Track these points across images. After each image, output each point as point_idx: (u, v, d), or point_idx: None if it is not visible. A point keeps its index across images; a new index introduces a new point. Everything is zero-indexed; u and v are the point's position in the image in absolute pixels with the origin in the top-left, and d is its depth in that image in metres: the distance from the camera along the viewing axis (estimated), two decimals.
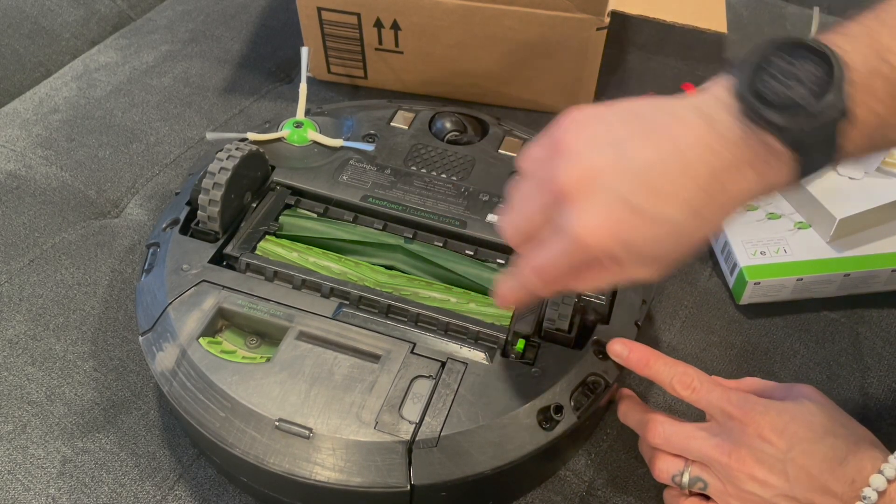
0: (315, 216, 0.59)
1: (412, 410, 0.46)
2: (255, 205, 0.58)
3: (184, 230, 0.56)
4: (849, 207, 0.61)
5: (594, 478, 0.53)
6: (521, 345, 0.50)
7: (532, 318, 0.51)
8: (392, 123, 0.65)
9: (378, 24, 0.74)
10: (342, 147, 0.63)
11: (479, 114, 0.68)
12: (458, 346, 0.50)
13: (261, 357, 0.50)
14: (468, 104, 0.78)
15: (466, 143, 0.64)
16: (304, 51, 0.67)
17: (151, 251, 0.56)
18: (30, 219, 0.67)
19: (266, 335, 0.51)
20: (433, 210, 0.58)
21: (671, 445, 0.46)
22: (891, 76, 0.35)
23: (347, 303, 0.52)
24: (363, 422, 0.45)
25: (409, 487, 0.44)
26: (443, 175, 0.61)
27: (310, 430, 0.45)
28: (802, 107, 0.34)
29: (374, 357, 0.48)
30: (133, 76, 0.82)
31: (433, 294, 0.54)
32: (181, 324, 0.50)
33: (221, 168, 0.54)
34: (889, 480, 0.41)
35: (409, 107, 0.67)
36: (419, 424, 0.45)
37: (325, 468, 0.44)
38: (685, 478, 0.46)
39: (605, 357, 0.50)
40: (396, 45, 0.76)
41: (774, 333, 0.62)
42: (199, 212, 0.55)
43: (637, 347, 0.48)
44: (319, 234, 0.57)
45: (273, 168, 0.60)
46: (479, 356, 0.49)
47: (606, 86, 0.83)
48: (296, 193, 0.60)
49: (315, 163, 0.61)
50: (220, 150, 0.55)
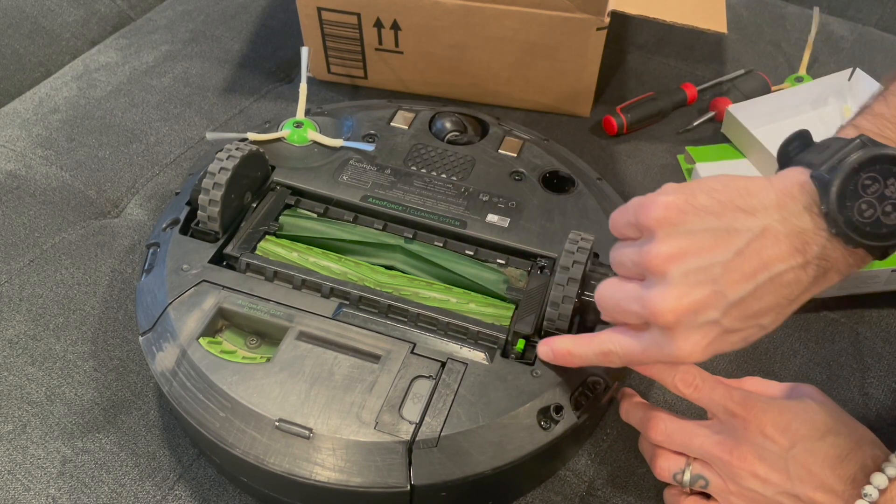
0: (315, 216, 0.59)
1: (412, 410, 0.46)
2: (255, 205, 0.58)
3: (184, 230, 0.56)
4: None
5: (594, 478, 0.53)
6: (521, 345, 0.50)
7: (532, 319, 0.51)
8: (392, 123, 0.65)
9: (378, 25, 0.74)
10: (342, 147, 0.63)
11: (479, 114, 0.68)
12: (458, 347, 0.50)
13: (261, 357, 0.50)
14: (468, 104, 0.78)
15: (466, 144, 0.64)
16: (304, 51, 0.67)
17: (151, 251, 0.56)
18: (30, 219, 0.67)
19: (266, 335, 0.51)
20: (433, 210, 0.58)
21: (673, 442, 0.46)
22: None
23: (347, 303, 0.52)
24: (363, 422, 0.45)
25: (409, 487, 0.44)
26: (443, 175, 0.61)
27: (310, 431, 0.45)
28: None
29: (375, 357, 0.48)
30: (133, 76, 0.82)
31: (433, 294, 0.54)
32: (181, 324, 0.50)
33: (221, 168, 0.54)
34: (890, 478, 0.41)
35: (409, 107, 0.67)
36: (419, 424, 0.45)
37: (325, 468, 0.44)
38: (686, 475, 0.46)
39: None
40: (396, 45, 0.76)
41: (774, 333, 0.61)
42: (200, 212, 0.55)
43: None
44: (319, 234, 0.57)
45: (273, 168, 0.60)
46: (479, 356, 0.49)
47: (606, 86, 0.83)
48: (296, 193, 0.60)
49: (315, 163, 0.61)
50: (220, 150, 0.55)
